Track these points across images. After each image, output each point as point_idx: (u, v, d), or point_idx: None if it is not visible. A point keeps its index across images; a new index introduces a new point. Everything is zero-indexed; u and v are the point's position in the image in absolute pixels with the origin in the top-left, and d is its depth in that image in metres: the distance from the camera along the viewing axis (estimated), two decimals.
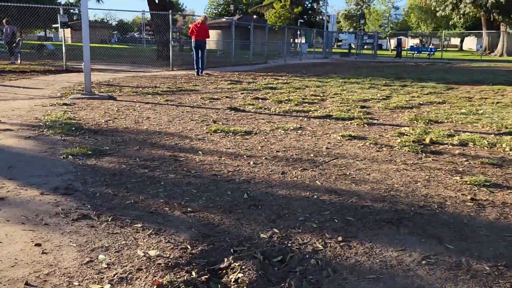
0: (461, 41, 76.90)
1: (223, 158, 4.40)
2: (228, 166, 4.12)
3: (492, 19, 41.40)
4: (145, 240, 2.55)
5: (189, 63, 17.96)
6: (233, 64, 20.13)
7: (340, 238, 2.59)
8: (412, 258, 2.36)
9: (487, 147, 5.03)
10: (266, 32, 24.08)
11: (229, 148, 4.83)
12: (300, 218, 2.91)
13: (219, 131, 5.66)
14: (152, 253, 2.40)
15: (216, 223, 2.82)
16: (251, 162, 4.27)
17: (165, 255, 2.38)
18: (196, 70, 14.28)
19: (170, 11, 16.52)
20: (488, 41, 44.31)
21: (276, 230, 2.71)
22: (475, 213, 3.04)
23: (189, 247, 2.48)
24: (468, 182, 3.70)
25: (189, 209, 3.04)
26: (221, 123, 6.25)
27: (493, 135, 5.71)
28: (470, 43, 79.52)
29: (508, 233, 2.69)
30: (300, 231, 2.71)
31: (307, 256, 2.40)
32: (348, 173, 3.97)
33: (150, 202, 3.15)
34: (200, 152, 4.63)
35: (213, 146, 4.92)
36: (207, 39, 14.49)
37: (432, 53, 35.37)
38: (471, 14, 42.70)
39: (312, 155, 4.61)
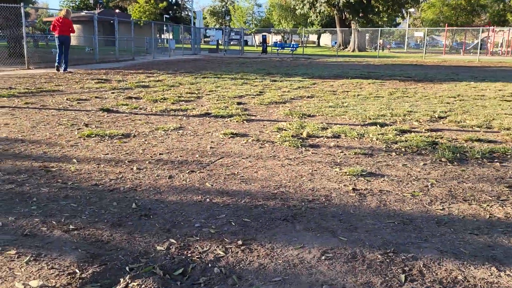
0: (318, 38, 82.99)
1: (102, 165, 4.07)
2: (109, 174, 3.82)
3: (344, 18, 45.31)
4: (23, 269, 2.22)
5: (47, 61, 16.50)
6: (98, 61, 18.97)
7: (240, 242, 2.55)
8: (312, 254, 2.40)
9: (357, 138, 5.42)
10: (132, 27, 23.13)
11: (107, 154, 4.49)
12: (196, 224, 2.80)
13: (93, 136, 5.24)
14: (34, 283, 2.10)
15: (105, 239, 2.57)
16: (134, 168, 4.02)
17: (50, 285, 2.09)
18: (56, 66, 13.37)
19: (21, 4, 14.92)
20: (342, 38, 48.40)
21: (173, 240, 2.57)
22: (359, 202, 3.23)
23: (77, 271, 2.21)
24: (348, 173, 3.93)
25: (71, 226, 2.73)
26: (94, 126, 5.81)
27: (359, 126, 6.18)
28: (326, 39, 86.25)
29: (390, 220, 2.91)
30: (198, 238, 2.60)
31: (210, 265, 2.30)
32: (236, 172, 3.95)
33: (23, 223, 2.77)
34: (74, 160, 4.23)
35: (89, 152, 4.53)
36: (71, 34, 13.78)
37: (294, 49, 37.45)
38: (325, 12, 46.23)
39: (197, 155, 4.51)
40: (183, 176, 3.82)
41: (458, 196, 3.40)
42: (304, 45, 44.82)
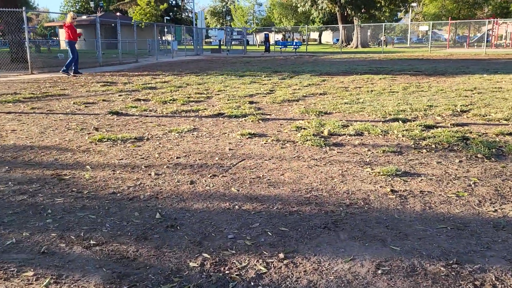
0: (320, 35, 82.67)
1: (118, 172, 3.82)
2: (126, 181, 3.57)
3: (346, 14, 44.95)
4: None
5: (51, 65, 16.33)
6: (101, 64, 18.75)
7: (281, 255, 2.29)
8: (365, 268, 2.14)
9: (381, 135, 5.15)
10: (135, 29, 22.89)
11: (121, 159, 4.24)
12: (229, 235, 2.54)
13: (105, 140, 4.99)
14: None
15: (131, 256, 2.31)
16: (152, 173, 3.77)
17: None
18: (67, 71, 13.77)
19: (24, 8, 14.70)
20: (344, 34, 48.00)
21: (206, 255, 2.31)
22: (401, 206, 2.97)
23: None
24: (381, 173, 3.67)
25: (92, 241, 2.48)
26: (104, 130, 5.56)
27: (381, 122, 5.91)
28: (327, 37, 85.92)
29: (441, 225, 2.64)
30: (234, 252, 2.34)
31: (252, 283, 2.04)
32: (261, 175, 3.69)
33: (39, 239, 2.51)
34: (88, 166, 3.98)
35: (102, 158, 4.28)
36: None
37: (297, 47, 37.13)
38: (327, 9, 45.87)
39: (217, 158, 4.25)
40: (205, 181, 3.57)
41: (507, 196, 3.12)
42: (306, 43, 44.50)
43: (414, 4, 53.82)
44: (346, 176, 3.64)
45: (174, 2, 69.69)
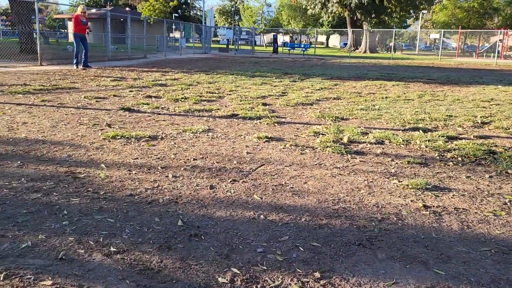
0: (327, 39, 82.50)
1: (134, 172, 3.66)
2: (143, 182, 3.41)
3: (356, 19, 44.73)
4: None
5: (60, 58, 16.21)
6: (110, 58, 18.61)
7: (317, 274, 2.12)
8: None
9: (403, 145, 4.99)
10: (144, 25, 22.76)
11: (137, 158, 4.08)
12: (258, 249, 2.37)
13: (118, 137, 4.84)
14: None
15: (155, 267, 2.15)
16: (170, 175, 3.61)
17: None
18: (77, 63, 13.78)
19: None
20: (353, 38, 47.76)
21: (235, 270, 2.15)
22: (437, 223, 2.80)
23: None
24: (410, 186, 3.50)
25: (112, 248, 2.32)
26: (117, 127, 5.40)
27: (401, 131, 5.75)
28: (334, 40, 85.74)
29: (484, 247, 2.47)
30: (265, 268, 2.18)
31: None
32: (284, 183, 3.53)
33: (56, 242, 2.36)
34: (103, 165, 3.82)
35: (117, 156, 4.12)
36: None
37: (306, 49, 36.95)
38: (337, 13, 45.67)
39: (235, 162, 4.09)
40: (225, 186, 3.41)
41: None
42: (314, 45, 44.31)
43: (424, 11, 53.56)
44: (373, 188, 3.47)
45: None
